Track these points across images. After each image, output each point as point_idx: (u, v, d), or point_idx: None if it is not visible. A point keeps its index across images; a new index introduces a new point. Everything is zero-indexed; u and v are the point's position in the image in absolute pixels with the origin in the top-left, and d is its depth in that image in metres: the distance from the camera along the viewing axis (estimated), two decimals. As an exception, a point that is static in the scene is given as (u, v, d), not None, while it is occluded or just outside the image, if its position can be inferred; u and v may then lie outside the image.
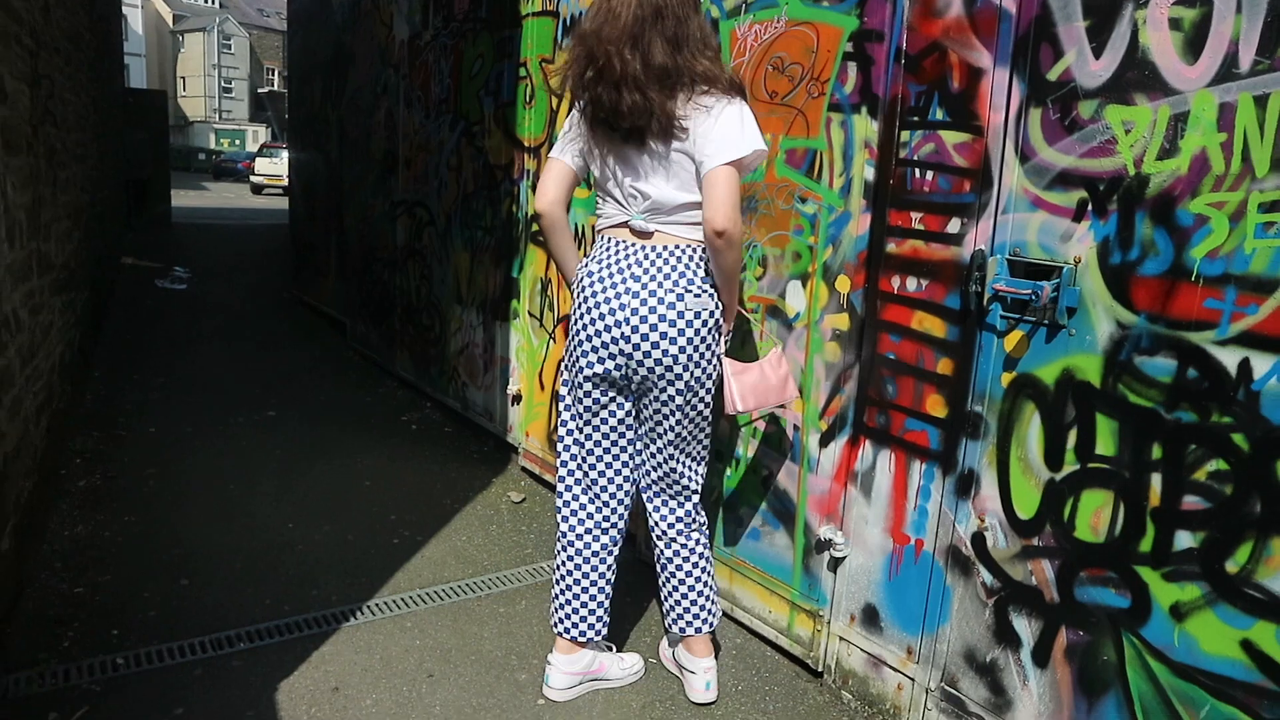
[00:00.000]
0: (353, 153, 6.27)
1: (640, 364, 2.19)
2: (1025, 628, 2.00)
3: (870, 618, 2.38)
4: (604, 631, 2.46)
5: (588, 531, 2.41)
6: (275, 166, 25.79)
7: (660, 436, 2.31)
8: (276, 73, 56.83)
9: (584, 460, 2.40)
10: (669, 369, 2.19)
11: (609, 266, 2.22)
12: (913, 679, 2.28)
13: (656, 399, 2.25)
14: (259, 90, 56.81)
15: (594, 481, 2.41)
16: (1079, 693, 1.90)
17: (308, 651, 2.55)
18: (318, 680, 2.43)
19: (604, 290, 2.21)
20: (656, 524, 2.43)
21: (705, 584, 2.44)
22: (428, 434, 4.69)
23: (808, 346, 2.48)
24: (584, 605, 2.41)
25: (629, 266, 2.20)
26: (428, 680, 2.47)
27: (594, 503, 2.42)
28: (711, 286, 2.19)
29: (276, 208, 19.37)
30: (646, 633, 2.79)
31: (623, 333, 2.18)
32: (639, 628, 2.82)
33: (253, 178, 28.34)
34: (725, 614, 2.81)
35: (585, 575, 2.41)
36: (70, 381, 4.18)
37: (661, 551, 2.44)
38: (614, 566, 2.45)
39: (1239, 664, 1.64)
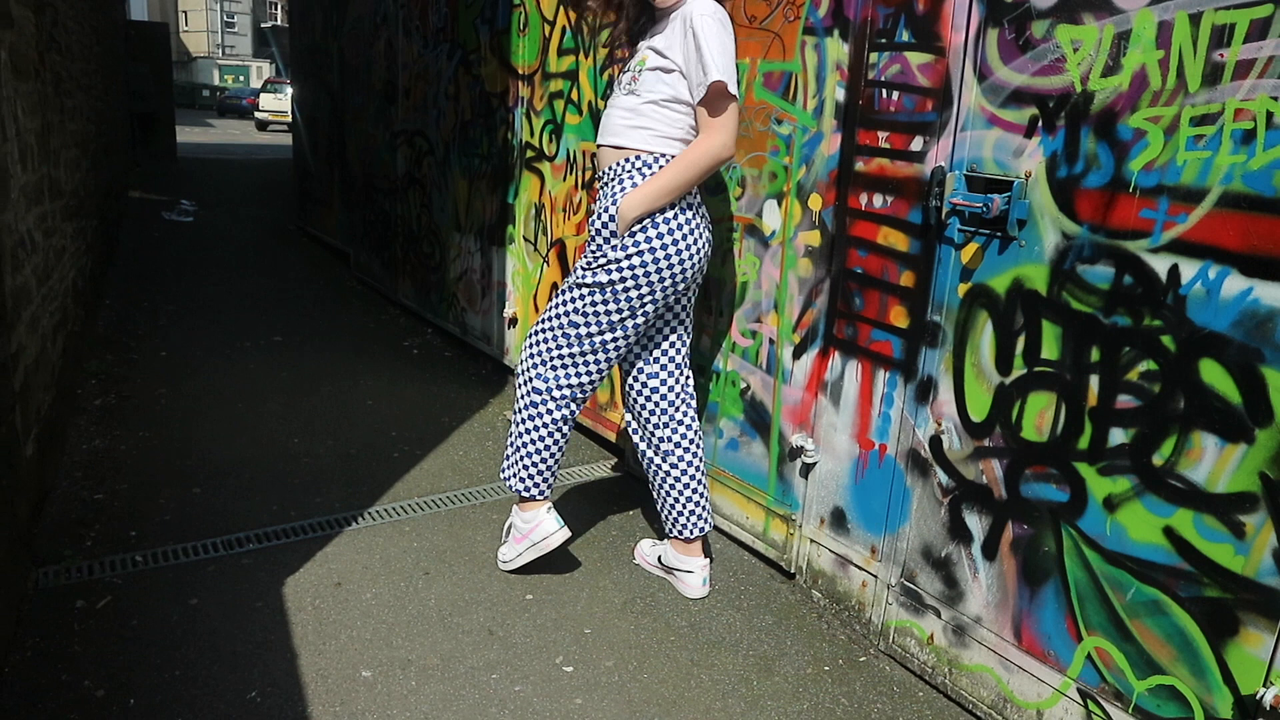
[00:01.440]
0: (353, 83, 6.31)
1: (705, 263, 2.51)
2: (976, 524, 2.14)
3: (838, 520, 2.54)
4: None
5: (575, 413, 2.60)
6: (280, 102, 25.61)
7: (691, 318, 2.61)
8: (280, 7, 55.98)
9: (611, 362, 2.52)
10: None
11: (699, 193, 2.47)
12: (876, 576, 2.44)
13: (693, 296, 2.59)
14: (262, 25, 56.03)
15: (600, 377, 2.54)
16: (1023, 582, 2.05)
17: (312, 552, 2.73)
18: (321, 576, 2.60)
19: (703, 209, 2.47)
20: (684, 435, 2.62)
21: (707, 486, 2.68)
22: (428, 357, 4.84)
23: (783, 263, 2.59)
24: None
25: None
26: (424, 577, 2.64)
27: (591, 391, 2.58)
28: None
29: (281, 143, 19.35)
30: (632, 537, 2.96)
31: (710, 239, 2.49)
32: (625, 533, 2.99)
33: (257, 114, 28.19)
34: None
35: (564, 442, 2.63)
36: (83, 306, 4.32)
37: (687, 465, 2.62)
38: None
39: (1161, 549, 1.78)
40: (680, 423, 2.62)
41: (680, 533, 2.65)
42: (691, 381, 2.65)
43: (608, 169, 2.44)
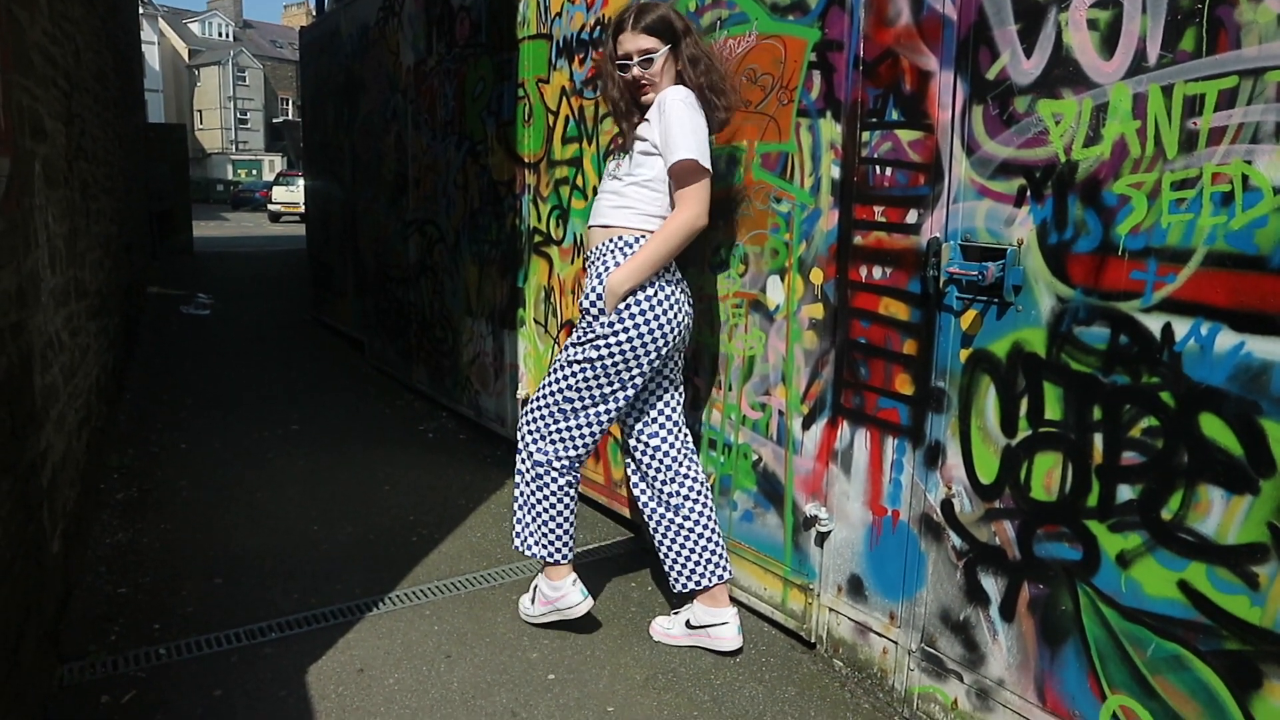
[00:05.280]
0: (365, 176, 6.51)
1: (689, 329, 2.69)
2: (992, 586, 2.16)
3: (855, 588, 2.54)
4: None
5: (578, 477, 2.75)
6: (292, 194, 26.25)
7: (681, 377, 2.77)
8: (291, 102, 57.78)
9: (604, 428, 2.64)
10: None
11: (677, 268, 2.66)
12: (896, 642, 2.43)
13: (681, 359, 2.75)
14: (274, 120, 57.71)
15: (596, 440, 2.66)
16: (1042, 643, 2.05)
17: (334, 638, 2.74)
18: (344, 663, 2.61)
19: (682, 280, 2.64)
20: (691, 486, 2.71)
21: (721, 534, 2.75)
22: (444, 441, 4.90)
23: (788, 336, 2.65)
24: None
25: None
26: (446, 660, 2.65)
27: (589, 452, 2.69)
28: None
29: (294, 234, 19.77)
30: (651, 612, 2.96)
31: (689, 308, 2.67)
32: (643, 609, 2.99)
33: (270, 206, 28.85)
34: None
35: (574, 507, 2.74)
36: (105, 402, 4.41)
37: (699, 514, 2.70)
38: None
39: (1177, 603, 1.79)
40: (686, 475, 2.71)
41: (704, 581, 2.69)
42: (689, 437, 2.76)
43: (594, 249, 2.63)
